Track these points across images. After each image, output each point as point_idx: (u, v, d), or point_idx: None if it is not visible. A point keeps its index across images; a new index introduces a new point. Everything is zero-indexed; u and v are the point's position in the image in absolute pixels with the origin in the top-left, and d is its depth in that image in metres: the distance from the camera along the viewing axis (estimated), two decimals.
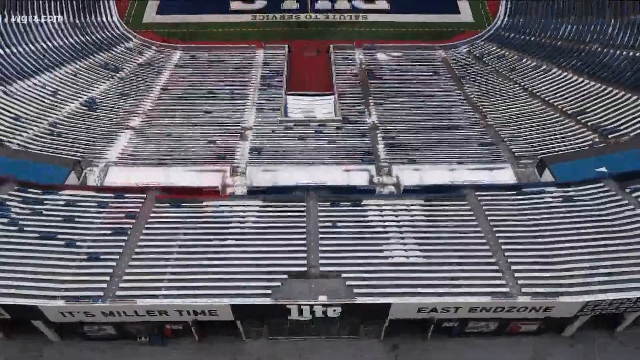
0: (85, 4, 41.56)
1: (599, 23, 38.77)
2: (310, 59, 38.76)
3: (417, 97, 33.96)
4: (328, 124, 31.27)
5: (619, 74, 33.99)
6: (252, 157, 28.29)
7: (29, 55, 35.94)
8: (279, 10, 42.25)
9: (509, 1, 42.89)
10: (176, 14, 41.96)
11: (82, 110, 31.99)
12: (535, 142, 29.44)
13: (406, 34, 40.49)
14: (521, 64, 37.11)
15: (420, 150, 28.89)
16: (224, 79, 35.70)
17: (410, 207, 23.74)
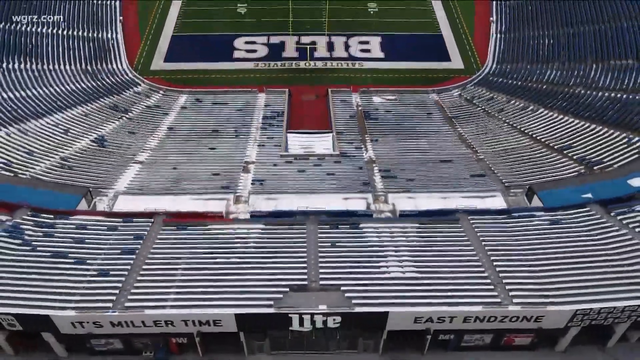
0: (97, 52, 44.07)
1: (582, 68, 41.10)
2: (310, 102, 40.79)
3: (411, 135, 35.74)
4: (327, 158, 32.86)
5: (602, 112, 35.92)
6: (255, 188, 29.62)
7: (43, 97, 37.90)
8: (280, 59, 44.59)
9: (497, 50, 45.52)
10: (182, 61, 44.26)
11: (92, 146, 33.58)
12: (524, 173, 30.90)
13: (400, 80, 42.76)
14: (509, 105, 39.15)
15: (414, 181, 30.30)
16: (228, 119, 37.49)
17: (406, 229, 24.90)
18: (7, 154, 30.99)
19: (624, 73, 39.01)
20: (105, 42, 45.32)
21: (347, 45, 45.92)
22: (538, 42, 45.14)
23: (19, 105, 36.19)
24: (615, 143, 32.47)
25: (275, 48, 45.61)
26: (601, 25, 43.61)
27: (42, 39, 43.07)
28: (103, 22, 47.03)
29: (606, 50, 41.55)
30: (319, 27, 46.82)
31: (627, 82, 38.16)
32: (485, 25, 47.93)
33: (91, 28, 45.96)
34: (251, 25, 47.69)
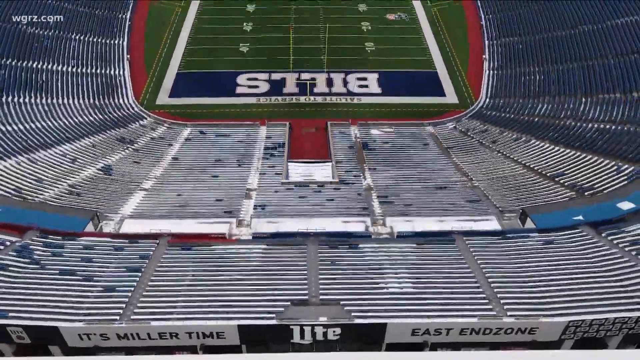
0: (104, 88, 45.75)
1: (572, 102, 42.68)
2: (310, 134, 42.14)
3: (408, 164, 36.92)
4: (326, 185, 33.93)
5: (592, 142, 37.22)
6: (257, 212, 30.53)
7: (52, 129, 39.23)
8: (281, 94, 46.22)
9: (490, 85, 47.29)
10: (186, 97, 45.84)
11: (99, 174, 34.66)
12: (518, 199, 31.90)
13: (397, 113, 44.26)
14: (503, 136, 40.51)
15: (411, 206, 31.27)
16: (230, 149, 38.73)
17: (403, 249, 25.76)
18: (17, 181, 32.06)
19: (612, 106, 40.55)
20: (112, 78, 47.10)
21: (346, 82, 47.64)
22: (529, 77, 46.93)
23: (30, 137, 37.49)
24: (605, 170, 33.62)
25: (276, 84, 47.31)
26: (589, 62, 45.39)
27: (53, 76, 44.78)
28: (111, 60, 48.99)
29: (594, 85, 43.22)
30: (318, 64, 48.67)
31: (615, 115, 39.65)
32: (478, 62, 49.90)
33: (100, 65, 47.82)
34: (253, 63, 49.57)
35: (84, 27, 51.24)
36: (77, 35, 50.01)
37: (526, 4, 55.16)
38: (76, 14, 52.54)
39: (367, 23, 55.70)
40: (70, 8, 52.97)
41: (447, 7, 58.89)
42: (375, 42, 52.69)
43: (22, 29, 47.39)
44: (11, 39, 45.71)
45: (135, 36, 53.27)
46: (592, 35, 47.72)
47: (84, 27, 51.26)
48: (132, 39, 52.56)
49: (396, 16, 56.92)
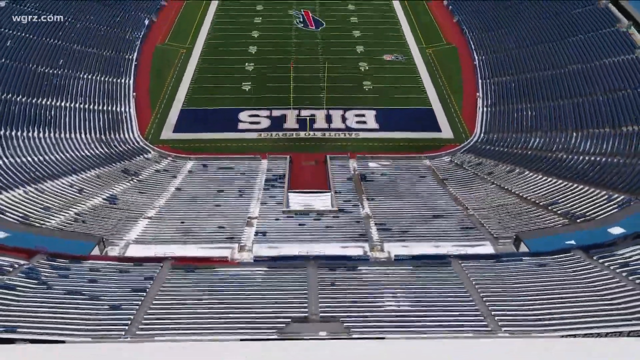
0: (110, 124, 47.30)
1: (563, 136, 44.14)
2: (310, 167, 43.37)
3: (405, 195, 37.99)
4: (325, 213, 34.91)
5: (584, 173, 38.45)
6: (258, 238, 31.38)
7: (59, 162, 40.47)
8: (282, 129, 47.70)
9: (484, 121, 48.91)
10: (190, 132, 47.31)
11: (104, 204, 35.63)
12: (512, 227, 32.81)
13: (394, 147, 45.62)
14: (497, 168, 41.74)
15: (408, 233, 32.18)
16: (232, 181, 39.85)
17: (401, 271, 26.54)
18: (25, 209, 33.05)
19: (602, 139, 41.99)
20: (119, 114, 48.72)
21: (344, 118, 49.20)
22: (522, 114, 48.58)
23: (37, 168, 38.70)
24: (596, 199, 34.69)
25: (277, 120, 48.84)
26: (579, 99, 47.16)
27: (61, 112, 46.38)
28: (118, 97, 50.77)
29: (584, 120, 44.81)
30: (318, 102, 50.37)
31: (604, 147, 41.06)
32: (473, 99, 51.73)
33: (106, 102, 49.53)
34: (255, 100, 51.24)
35: (92, 67, 53.27)
36: (85, 74, 51.95)
37: (517, 47, 57.57)
38: (85, 55, 54.75)
39: (364, 63, 57.84)
40: (79, 49, 55.23)
41: (442, 49, 61.26)
42: (373, 81, 54.61)
43: (33, 68, 49.32)
44: (22, 77, 47.57)
45: (141, 75, 55.30)
46: (581, 74, 49.73)
47: (92, 67, 53.29)
48: (138, 78, 54.56)
49: (393, 57, 59.11)
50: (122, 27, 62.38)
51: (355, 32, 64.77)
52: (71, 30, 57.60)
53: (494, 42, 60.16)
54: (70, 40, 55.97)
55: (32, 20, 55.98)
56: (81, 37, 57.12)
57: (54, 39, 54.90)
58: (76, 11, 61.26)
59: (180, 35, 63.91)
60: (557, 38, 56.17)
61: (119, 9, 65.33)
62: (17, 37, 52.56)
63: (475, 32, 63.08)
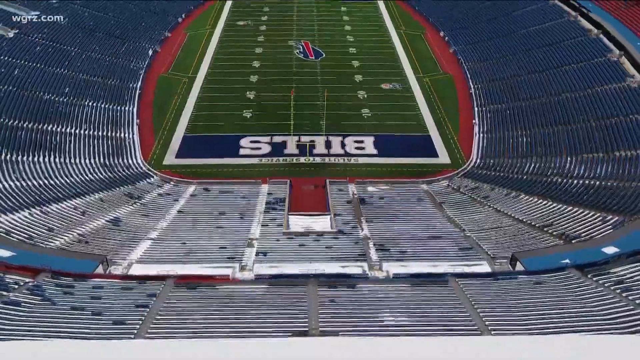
0: (114, 149, 48.25)
1: (558, 161, 45.07)
2: (309, 191, 44.15)
3: (403, 217, 38.63)
4: (325, 234, 35.48)
5: (578, 197, 39.21)
6: (258, 258, 31.90)
7: (64, 185, 41.24)
8: (282, 155, 48.63)
9: (480, 147, 49.92)
10: (192, 157, 48.21)
11: (107, 225, 36.24)
12: (508, 246, 33.38)
13: (392, 172, 46.50)
14: (493, 192, 42.48)
15: (407, 253, 32.73)
16: (234, 204, 40.53)
17: (399, 288, 27.02)
18: (30, 230, 33.67)
19: (596, 164, 42.95)
20: (122, 140, 49.72)
21: (344, 144, 50.20)
22: (517, 140, 49.64)
23: (42, 191, 39.44)
24: (591, 221, 35.39)
25: (277, 146, 49.82)
26: (573, 126, 48.33)
27: (66, 138, 47.40)
28: (121, 124, 51.88)
29: (578, 145, 45.84)
30: (317, 128, 51.43)
31: (598, 172, 41.97)
32: (469, 126, 52.87)
33: (110, 129, 50.59)
34: (256, 127, 52.32)
35: (97, 95, 54.61)
36: (90, 102, 53.22)
37: (512, 76, 59.09)
38: (90, 83, 56.16)
39: (363, 92, 59.23)
40: (85, 78, 56.67)
41: (439, 78, 62.77)
42: (372, 109, 55.84)
43: (39, 96, 50.58)
44: (29, 104, 48.77)
45: (145, 103, 56.59)
46: (574, 102, 51.03)
47: (97, 95, 54.64)
48: (142, 106, 55.82)
49: (391, 85, 60.53)
50: (127, 57, 64.07)
51: (354, 62, 66.44)
52: (77, 60, 59.19)
53: (490, 71, 61.74)
54: (76, 69, 57.50)
55: (40, 49, 57.64)
56: (87, 67, 58.69)
57: (61, 68, 56.44)
58: (83, 42, 63.01)
59: (183, 65, 65.52)
60: (551, 67, 57.75)
61: (124, 40, 67.13)
62: (25, 67, 54.11)
63: (471, 62, 64.74)
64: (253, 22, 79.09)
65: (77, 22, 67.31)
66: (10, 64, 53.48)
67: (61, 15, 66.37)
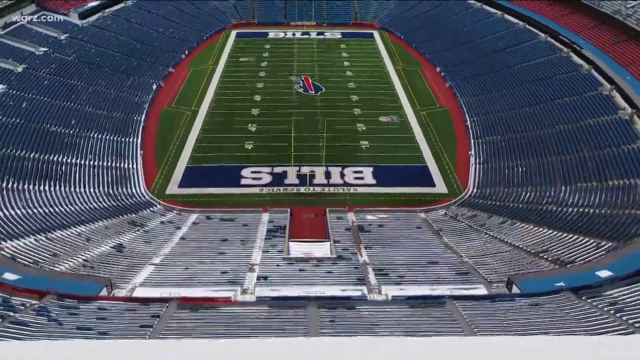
0: (118, 179, 49.30)
1: (552, 190, 46.06)
2: (309, 219, 44.94)
3: (402, 244, 39.36)
4: (325, 260, 36.16)
5: (573, 224, 40.03)
6: (259, 282, 32.51)
7: (69, 213, 42.10)
8: (283, 185, 49.60)
9: (476, 177, 51.02)
10: (194, 187, 49.18)
11: (111, 251, 36.93)
12: (505, 271, 34.03)
13: (391, 201, 47.39)
14: (490, 220, 43.30)
15: (405, 277, 33.37)
16: (235, 231, 41.29)
17: (398, 310, 27.65)
18: (36, 255, 34.37)
19: (589, 193, 43.90)
20: (126, 171, 50.80)
21: (343, 174, 51.24)
22: (512, 170, 50.74)
23: (47, 219, 40.29)
24: (585, 247, 36.15)
25: (278, 176, 50.83)
26: (567, 156, 49.49)
27: (72, 168, 48.49)
28: (125, 155, 53.07)
29: (572, 175, 46.90)
30: (317, 159, 52.52)
31: (592, 200, 42.87)
32: (465, 157, 54.08)
33: (115, 160, 51.74)
34: (257, 158, 53.45)
35: (102, 127, 56.04)
36: (96, 133, 54.58)
37: (507, 109, 60.70)
38: (96, 116, 57.69)
39: (361, 124, 60.69)
40: (91, 111, 58.23)
41: (435, 112, 64.40)
42: (370, 140, 57.15)
43: (46, 128, 51.95)
44: (36, 136, 50.07)
45: (149, 135, 57.95)
46: (567, 133, 52.39)
47: (102, 127, 56.06)
48: (146, 138, 57.16)
49: (389, 118, 62.05)
50: (132, 91, 65.85)
51: (353, 96, 68.20)
52: (84, 94, 60.90)
53: (485, 105, 63.39)
54: (82, 102, 59.15)
55: (47, 83, 59.38)
56: (93, 100, 60.36)
57: (68, 102, 58.09)
58: (89, 76, 64.90)
59: (186, 99, 67.22)
60: (544, 100, 59.38)
61: (129, 75, 69.08)
62: (33, 100, 55.74)
63: (466, 97, 66.47)
64: (255, 58, 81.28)
65: (84, 58, 69.38)
66: (19, 97, 55.11)
67: (69, 51, 68.59)
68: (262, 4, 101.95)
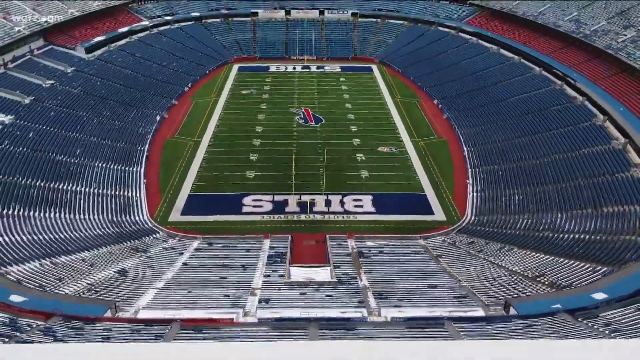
0: (122, 207, 50.13)
1: (549, 217, 46.86)
2: (310, 245, 45.60)
3: (401, 269, 39.95)
4: (325, 284, 36.71)
5: (569, 250, 40.71)
6: (261, 305, 33.04)
7: (73, 239, 42.79)
8: (284, 212, 50.39)
9: (474, 205, 51.84)
10: (197, 215, 49.97)
11: (115, 276, 37.50)
12: (502, 294, 34.59)
13: (390, 229, 48.08)
14: (488, 246, 43.98)
15: (404, 300, 33.91)
16: (237, 257, 41.92)
17: (397, 330, 28.18)
18: (41, 279, 34.97)
19: (585, 219, 44.67)
20: (130, 199, 51.68)
21: (343, 202, 52.10)
22: (510, 198, 51.63)
23: (52, 245, 40.97)
24: (581, 271, 36.77)
25: (279, 204, 51.67)
26: (563, 184, 50.46)
27: (76, 196, 49.39)
28: (129, 184, 54.02)
29: (568, 202, 47.76)
30: (317, 188, 53.57)
31: (588, 226, 43.63)
32: (463, 186, 55.04)
33: (118, 188, 52.66)
34: (258, 187, 54.41)
35: (106, 157, 57.18)
36: (100, 163, 55.69)
37: (503, 139, 62.01)
38: (100, 146, 58.90)
39: (361, 154, 61.85)
40: (95, 141, 59.49)
41: (433, 142, 65.73)
42: (369, 170, 58.23)
43: (52, 157, 53.07)
44: (42, 164, 51.13)
45: (152, 164, 59.06)
46: (563, 162, 53.49)
47: (107, 157, 57.21)
48: (149, 167, 58.26)
49: (387, 149, 63.28)
50: (136, 122, 67.32)
51: (353, 127, 69.66)
52: (89, 125, 62.30)
53: (482, 136, 64.74)
54: (87, 133, 60.48)
55: (54, 114, 60.81)
56: (98, 131, 61.72)
57: (73, 132, 59.39)
58: (94, 108, 66.48)
59: (189, 129, 68.65)
60: (540, 131, 60.74)
61: (133, 107, 70.71)
62: (40, 130, 57.03)
63: (463, 128, 67.90)
64: (256, 90, 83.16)
65: (89, 90, 71.16)
66: (26, 127, 56.43)
67: (75, 84, 70.39)
68: (263, 39, 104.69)
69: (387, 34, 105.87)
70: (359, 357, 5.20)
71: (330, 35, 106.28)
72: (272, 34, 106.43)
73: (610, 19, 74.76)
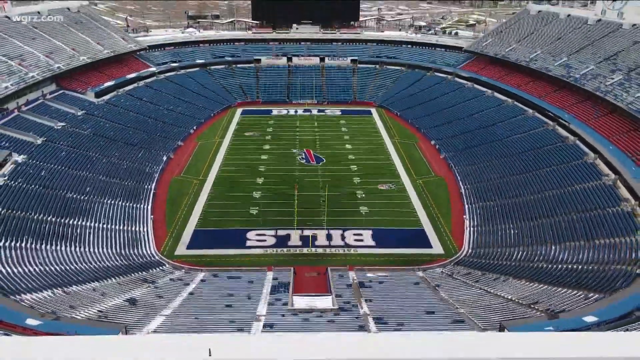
0: (130, 241, 51.80)
1: (543, 249, 48.45)
2: (312, 277, 47.03)
3: (400, 297, 41.33)
4: (327, 311, 38.04)
5: (562, 279, 42.15)
6: (265, 330, 34.35)
7: (83, 271, 44.32)
8: (286, 246, 52.01)
9: (471, 239, 53.51)
10: (202, 248, 51.59)
11: (124, 304, 38.89)
12: (497, 319, 35.88)
13: (389, 261, 49.62)
14: (484, 277, 45.40)
15: (404, 325, 35.21)
16: (241, 288, 43.32)
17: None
18: (53, 306, 36.37)
19: (578, 251, 46.27)
20: (137, 233, 53.41)
21: (343, 237, 53.78)
22: (505, 232, 53.32)
23: (64, 275, 42.52)
24: (574, 298, 38.17)
25: (282, 239, 53.33)
26: (556, 218, 52.23)
27: (86, 230, 51.17)
28: (137, 219, 55.85)
29: (562, 235, 49.43)
30: (319, 223, 55.29)
31: (580, 257, 45.19)
32: (460, 221, 56.84)
33: (127, 223, 54.47)
34: (262, 222, 56.18)
35: (115, 194, 59.21)
36: (109, 200, 57.67)
37: (499, 177, 64.15)
38: (109, 184, 61.01)
39: (361, 191, 63.88)
40: (105, 179, 61.66)
41: (431, 180, 67.89)
42: (369, 206, 60.11)
43: (63, 194, 55.10)
44: (54, 201, 53.10)
45: (159, 201, 61.07)
46: (556, 198, 55.42)
47: (115, 194, 59.24)
48: (156, 204, 60.23)
49: (386, 186, 65.36)
50: (143, 162, 69.68)
51: (353, 166, 71.97)
52: (98, 164, 64.62)
53: (477, 173, 66.91)
54: (97, 172, 62.71)
55: (64, 154, 63.23)
56: (107, 170, 63.96)
57: (83, 171, 61.62)
58: (104, 148, 69.00)
59: (195, 169, 70.95)
60: (534, 169, 62.97)
61: (140, 148, 73.27)
62: (51, 169, 59.25)
63: (460, 166, 70.17)
64: (259, 133, 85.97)
65: (99, 132, 73.90)
66: (38, 166, 58.67)
67: (85, 126, 73.18)
68: (266, 84, 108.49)
69: (385, 79, 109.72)
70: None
71: (331, 81, 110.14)
72: (274, 79, 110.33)
73: (599, 63, 78.12)
